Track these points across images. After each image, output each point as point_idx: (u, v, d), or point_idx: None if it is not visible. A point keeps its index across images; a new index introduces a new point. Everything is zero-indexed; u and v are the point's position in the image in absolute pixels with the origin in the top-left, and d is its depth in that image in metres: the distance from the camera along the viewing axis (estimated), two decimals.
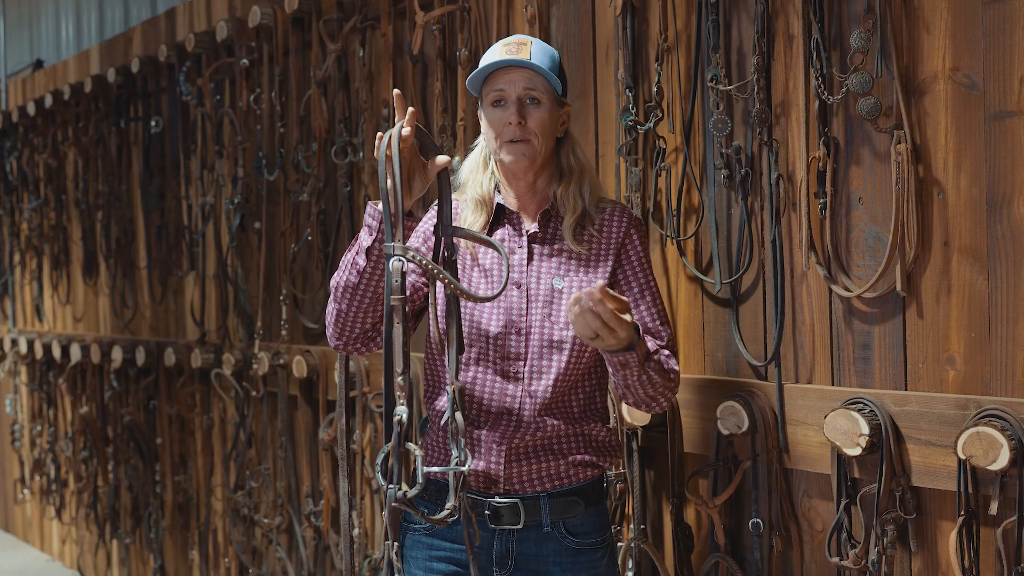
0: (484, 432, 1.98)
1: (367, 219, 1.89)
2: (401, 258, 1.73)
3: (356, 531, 3.24)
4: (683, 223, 2.41)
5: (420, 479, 1.74)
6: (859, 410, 2.01)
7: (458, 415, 1.78)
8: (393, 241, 1.75)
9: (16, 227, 5.72)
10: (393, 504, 1.73)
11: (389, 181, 1.77)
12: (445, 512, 1.76)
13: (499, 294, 1.85)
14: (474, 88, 2.02)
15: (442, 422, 1.84)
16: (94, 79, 4.72)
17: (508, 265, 1.87)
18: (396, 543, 1.76)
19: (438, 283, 1.89)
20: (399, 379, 1.73)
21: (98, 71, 4.81)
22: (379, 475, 1.74)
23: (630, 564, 2.42)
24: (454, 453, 1.77)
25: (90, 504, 4.91)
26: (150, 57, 4.35)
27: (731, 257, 2.32)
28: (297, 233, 3.56)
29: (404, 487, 1.74)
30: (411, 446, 1.73)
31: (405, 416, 1.72)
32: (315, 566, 3.52)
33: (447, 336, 1.85)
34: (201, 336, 4.09)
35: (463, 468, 1.76)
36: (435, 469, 1.82)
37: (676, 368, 2.01)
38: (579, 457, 2.00)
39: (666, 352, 2.01)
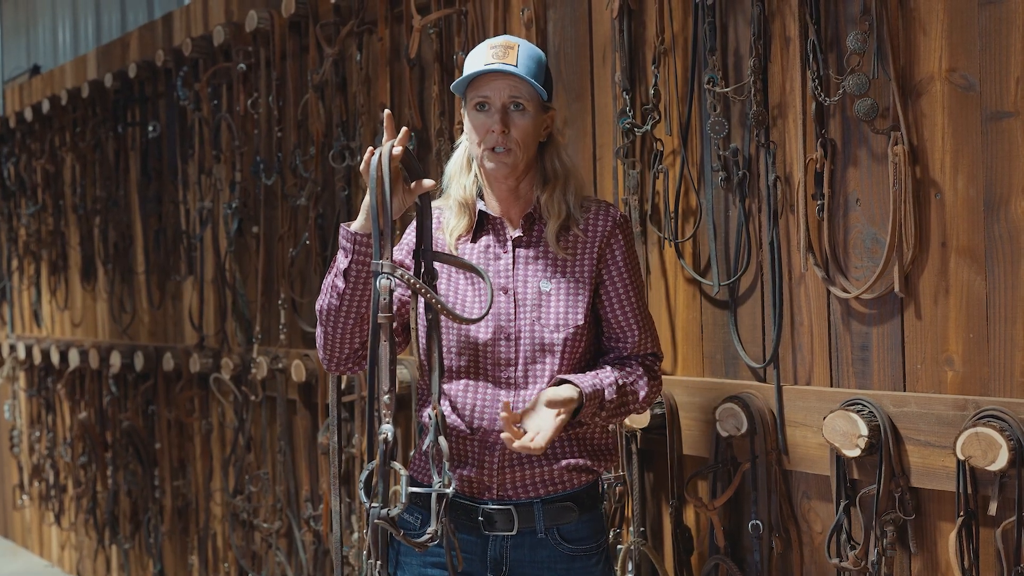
0: (477, 438, 1.97)
1: (341, 241, 1.88)
2: (389, 276, 1.73)
3: (355, 535, 3.24)
4: (681, 225, 2.41)
5: (404, 499, 1.74)
6: (858, 411, 2.01)
7: (441, 440, 1.78)
8: (381, 259, 1.75)
9: (14, 233, 5.71)
10: (376, 522, 1.73)
11: (376, 199, 1.77)
12: (426, 536, 1.77)
13: (483, 317, 1.86)
14: (458, 90, 2.02)
15: (424, 447, 1.84)
16: (91, 84, 4.72)
17: (491, 289, 1.87)
18: (380, 562, 1.76)
19: (420, 302, 1.88)
20: (385, 397, 1.73)
21: (95, 76, 4.81)
22: (362, 493, 1.73)
23: (630, 567, 2.42)
24: (435, 478, 1.78)
25: (89, 509, 4.90)
26: (147, 62, 4.35)
27: (729, 259, 2.32)
28: (295, 237, 3.56)
29: (401, 503, 1.74)
30: (396, 465, 1.73)
31: (391, 435, 1.72)
32: (314, 570, 3.52)
33: (428, 360, 1.85)
34: (200, 341, 4.09)
35: (447, 491, 1.77)
36: (419, 490, 1.82)
37: (644, 387, 1.99)
38: (573, 462, 1.99)
39: (635, 371, 1.99)
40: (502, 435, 1.82)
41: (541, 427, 1.84)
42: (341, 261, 1.88)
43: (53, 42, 6.07)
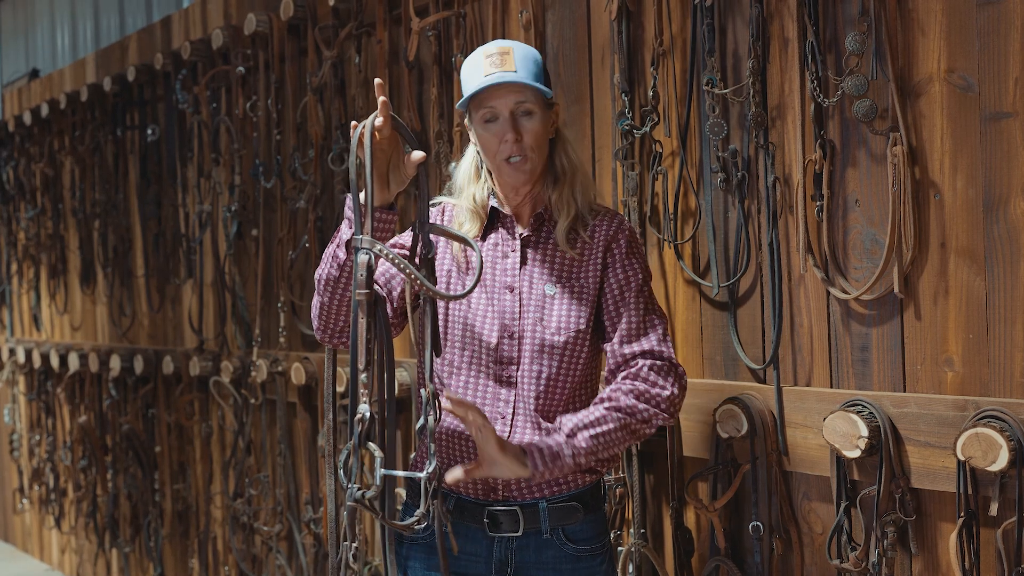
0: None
1: (346, 211, 1.86)
2: (369, 252, 1.69)
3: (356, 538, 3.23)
4: (680, 227, 2.41)
5: (378, 481, 1.69)
6: (858, 412, 2.01)
7: (430, 419, 1.75)
8: (362, 234, 1.70)
9: (13, 236, 5.71)
10: (351, 503, 1.69)
11: (355, 173, 1.75)
12: (412, 519, 1.72)
13: (468, 292, 1.78)
14: (463, 107, 2.00)
15: (417, 426, 1.83)
16: (90, 88, 4.72)
17: (480, 259, 1.81)
18: (355, 544, 1.73)
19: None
20: (362, 376, 1.68)
21: (94, 80, 4.81)
22: (340, 473, 1.70)
23: (631, 569, 2.42)
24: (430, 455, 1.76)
25: (89, 513, 4.90)
26: (146, 65, 4.35)
27: (728, 260, 2.32)
28: (295, 240, 3.56)
29: (375, 485, 1.70)
30: (371, 446, 1.69)
31: (368, 415, 1.69)
32: (315, 573, 3.52)
33: (421, 338, 1.83)
34: (199, 344, 4.09)
35: (420, 475, 1.71)
36: (398, 473, 1.74)
37: (627, 403, 1.93)
38: None
39: (621, 388, 1.94)
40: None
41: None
42: (344, 232, 1.87)
43: (52, 46, 6.07)
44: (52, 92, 5.26)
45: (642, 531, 2.42)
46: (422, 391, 1.77)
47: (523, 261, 2.01)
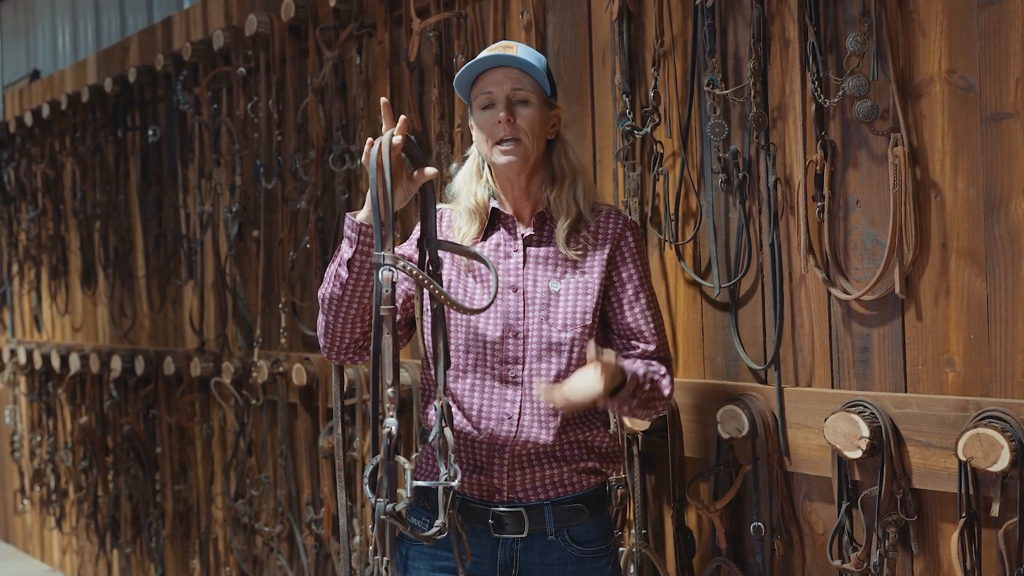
0: (485, 439, 1.97)
1: (346, 231, 1.88)
2: (391, 268, 1.73)
3: (357, 539, 3.23)
4: (681, 227, 2.41)
5: (409, 493, 1.73)
6: (859, 413, 2.01)
7: (447, 431, 1.78)
8: (383, 250, 1.74)
9: (14, 237, 5.71)
10: (382, 518, 1.72)
11: (378, 190, 1.76)
12: (434, 530, 1.76)
13: (487, 307, 1.85)
14: (463, 93, 2.02)
15: (431, 438, 1.84)
16: (91, 89, 4.72)
17: (496, 277, 1.87)
18: (386, 558, 1.75)
19: (426, 294, 1.88)
20: (389, 391, 1.72)
21: (95, 81, 4.81)
22: (367, 488, 1.73)
23: (632, 569, 2.42)
24: (443, 469, 1.77)
25: (90, 514, 4.90)
26: (147, 66, 4.36)
27: (729, 261, 2.32)
28: (295, 241, 3.56)
29: (401, 497, 1.74)
30: (400, 459, 1.72)
31: (395, 429, 1.72)
32: (316, 573, 3.52)
33: (434, 350, 1.85)
34: (200, 345, 4.09)
35: (452, 484, 1.76)
36: (424, 484, 1.81)
37: (668, 386, 2.01)
38: (583, 464, 2.00)
39: (659, 370, 2.01)
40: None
41: (577, 384, 1.85)
42: (345, 251, 1.88)
43: (53, 47, 6.07)
44: (53, 93, 5.26)
45: (643, 532, 2.42)
46: (436, 403, 1.80)
47: (525, 260, 2.02)
